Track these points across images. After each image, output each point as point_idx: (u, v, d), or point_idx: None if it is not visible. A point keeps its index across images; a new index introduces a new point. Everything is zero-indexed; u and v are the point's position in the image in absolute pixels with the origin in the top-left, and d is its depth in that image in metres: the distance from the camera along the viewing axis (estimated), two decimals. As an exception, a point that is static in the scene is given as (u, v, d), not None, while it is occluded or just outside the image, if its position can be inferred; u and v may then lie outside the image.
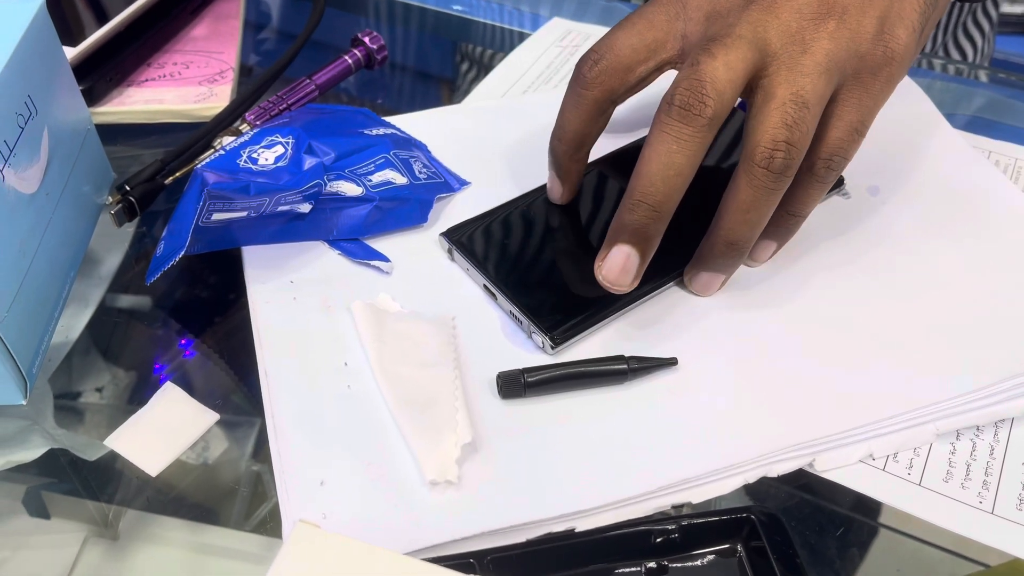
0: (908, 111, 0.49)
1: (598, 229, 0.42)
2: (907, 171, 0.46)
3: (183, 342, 0.40)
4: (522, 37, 0.59)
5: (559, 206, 0.42)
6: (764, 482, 0.34)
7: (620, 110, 0.40)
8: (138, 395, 0.37)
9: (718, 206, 0.37)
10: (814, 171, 0.36)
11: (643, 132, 0.39)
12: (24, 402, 0.35)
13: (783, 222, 0.39)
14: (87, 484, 0.35)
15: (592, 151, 0.41)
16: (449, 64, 0.63)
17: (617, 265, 0.36)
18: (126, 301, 0.43)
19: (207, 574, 0.33)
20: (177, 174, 0.44)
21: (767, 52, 0.35)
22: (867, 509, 0.34)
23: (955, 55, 0.68)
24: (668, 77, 0.38)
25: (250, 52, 0.57)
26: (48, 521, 0.35)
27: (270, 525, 0.34)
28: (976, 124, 0.51)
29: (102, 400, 0.38)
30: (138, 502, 0.34)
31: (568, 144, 0.40)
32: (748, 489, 0.34)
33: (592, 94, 0.38)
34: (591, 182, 0.44)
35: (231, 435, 0.36)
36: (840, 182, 0.44)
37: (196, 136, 0.45)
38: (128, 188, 0.42)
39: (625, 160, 0.44)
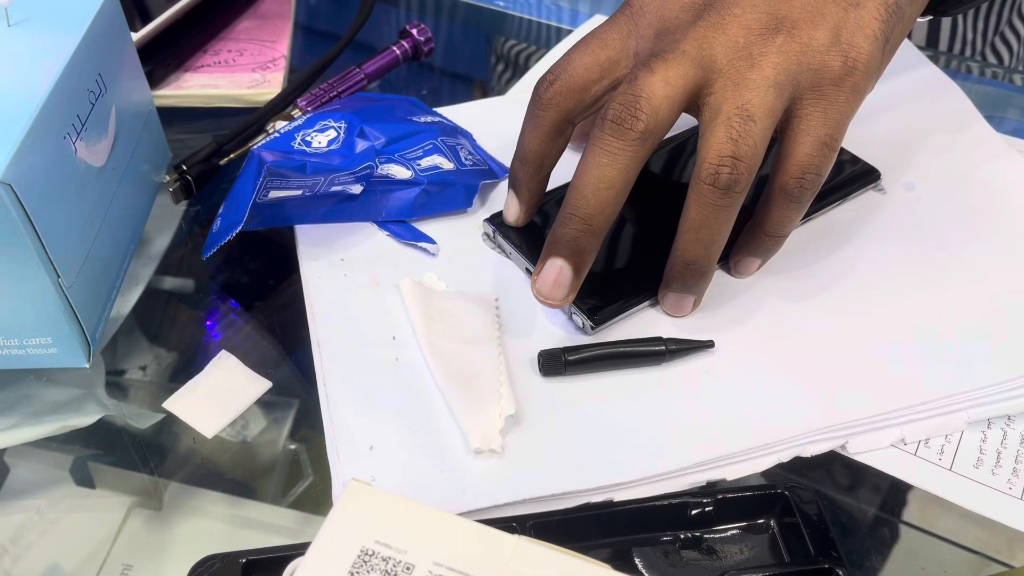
0: (945, 109, 0.50)
1: (637, 214, 0.43)
2: (943, 167, 0.46)
3: (236, 315, 0.42)
4: (560, 33, 0.61)
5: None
6: (798, 461, 0.35)
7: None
8: (190, 368, 0.39)
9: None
10: (787, 190, 0.36)
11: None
12: (87, 365, 0.37)
13: (762, 242, 0.39)
14: (136, 453, 0.37)
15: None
16: (484, 64, 0.64)
17: (550, 279, 0.36)
18: (176, 279, 0.44)
19: (248, 546, 0.34)
20: (231, 156, 0.46)
21: (712, 68, 0.35)
22: (901, 493, 0.35)
23: (992, 60, 0.69)
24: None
25: (300, 43, 0.59)
26: (96, 487, 0.36)
27: (314, 498, 0.35)
28: (1012, 126, 0.51)
29: (153, 372, 0.40)
30: (184, 473, 0.36)
31: (529, 165, 0.39)
32: (783, 467, 0.35)
33: (549, 115, 0.38)
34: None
35: (279, 405, 0.38)
36: (876, 177, 0.45)
37: (250, 120, 0.47)
38: (185, 168, 0.44)
39: (672, 152, 0.46)
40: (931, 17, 0.45)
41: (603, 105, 0.36)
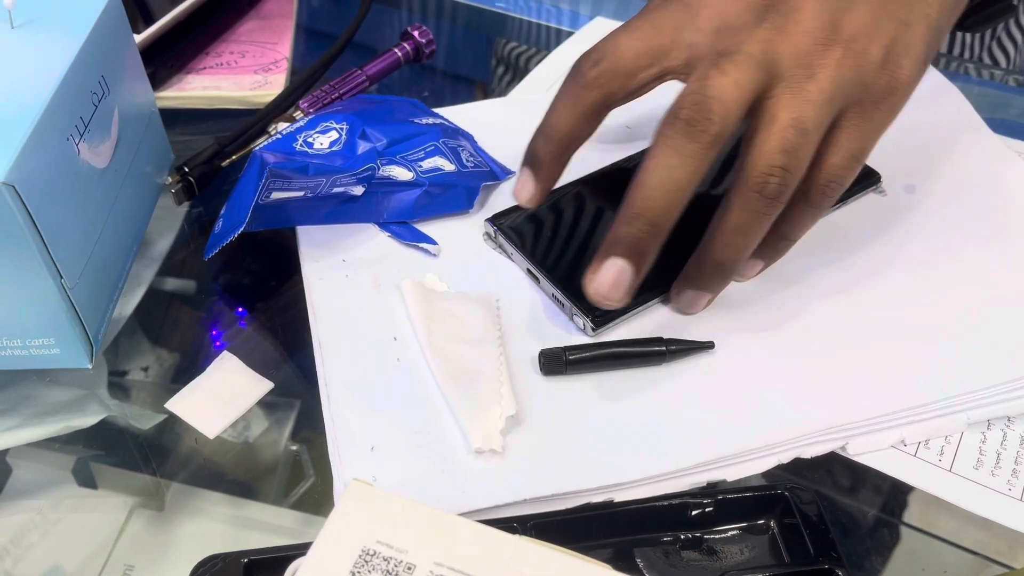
0: (945, 112, 0.50)
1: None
2: (943, 170, 0.47)
3: (237, 316, 0.42)
4: (560, 35, 0.61)
5: (599, 195, 0.44)
6: (798, 462, 0.35)
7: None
8: (191, 369, 0.39)
9: (709, 225, 0.36)
10: (809, 197, 0.36)
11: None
12: (90, 365, 0.37)
13: (774, 244, 0.38)
14: (138, 454, 0.37)
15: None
16: (485, 66, 0.64)
17: (609, 279, 0.35)
18: (178, 280, 0.44)
19: (250, 546, 0.34)
20: (233, 157, 0.46)
21: (774, 73, 0.34)
22: (901, 494, 0.35)
23: (989, 63, 0.69)
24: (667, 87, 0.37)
25: (302, 45, 0.59)
26: (98, 488, 0.36)
27: (315, 499, 0.35)
28: (1010, 128, 0.51)
29: (156, 372, 0.40)
30: (185, 474, 0.36)
31: (556, 145, 0.38)
32: (783, 468, 0.35)
33: (590, 95, 0.37)
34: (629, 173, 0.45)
35: (281, 406, 0.38)
36: (877, 180, 0.45)
37: (251, 122, 0.47)
38: (187, 169, 0.44)
39: None
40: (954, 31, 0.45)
41: (670, 104, 0.35)
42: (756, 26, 0.35)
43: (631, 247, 0.35)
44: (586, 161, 0.44)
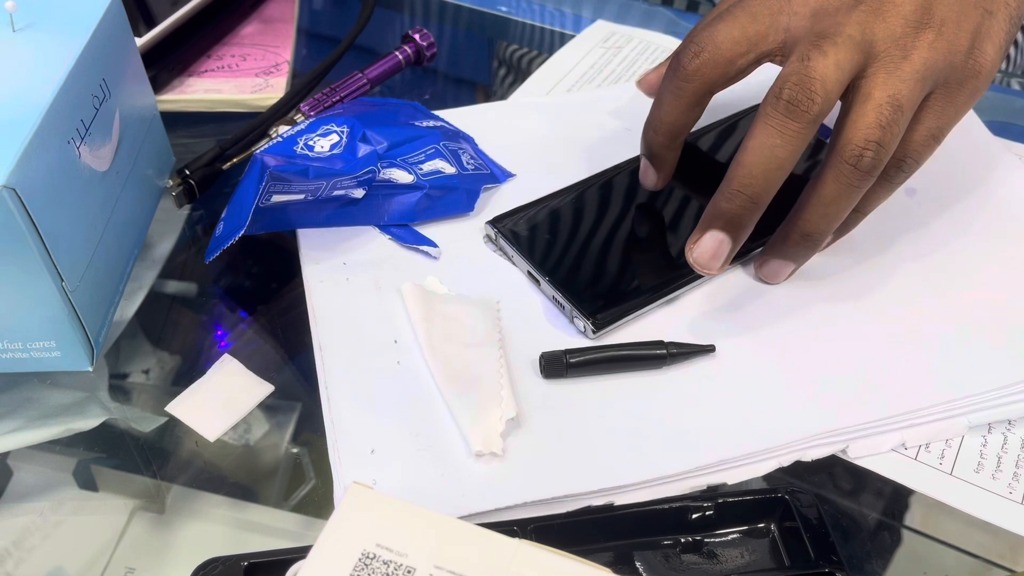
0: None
1: (637, 219, 0.43)
2: (944, 174, 0.46)
3: (238, 319, 0.42)
4: (563, 38, 0.61)
5: (599, 198, 0.44)
6: (799, 465, 0.35)
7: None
8: (192, 372, 0.39)
9: (799, 197, 0.38)
10: (886, 172, 0.37)
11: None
12: (91, 368, 0.37)
13: (848, 218, 0.39)
14: (139, 457, 0.37)
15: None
16: (486, 68, 0.65)
17: (709, 250, 0.37)
18: (179, 282, 0.44)
19: (250, 549, 0.34)
20: (234, 160, 0.46)
21: (871, 54, 0.36)
22: (901, 497, 0.35)
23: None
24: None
25: (303, 48, 0.59)
26: (99, 490, 0.36)
27: (316, 502, 0.35)
28: (1011, 131, 0.51)
29: (157, 375, 0.40)
30: (186, 476, 0.36)
31: (665, 135, 0.40)
32: (784, 471, 0.35)
33: (692, 86, 0.38)
34: (633, 176, 0.45)
35: (282, 409, 0.38)
36: (878, 182, 0.45)
37: (252, 125, 0.47)
38: (188, 172, 0.44)
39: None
40: None
41: (772, 83, 0.36)
42: (853, 9, 0.36)
43: (731, 221, 0.37)
44: (586, 165, 0.44)
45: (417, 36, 0.53)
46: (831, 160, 0.36)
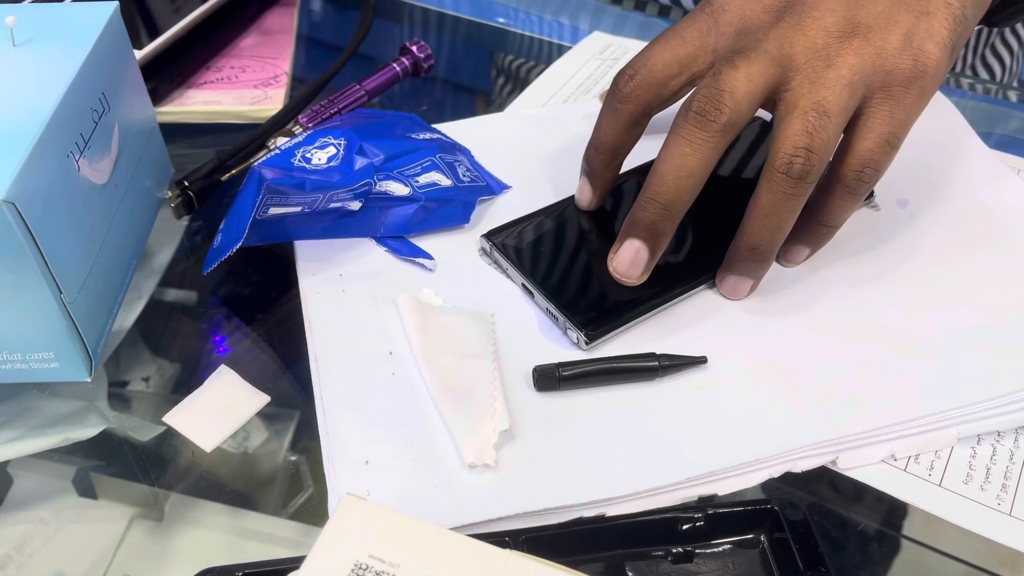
0: (939, 126, 0.50)
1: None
2: (936, 185, 0.47)
3: (235, 329, 0.42)
4: (561, 49, 0.61)
5: (594, 212, 0.44)
6: (789, 477, 0.35)
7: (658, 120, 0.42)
8: (191, 381, 0.39)
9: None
10: (845, 182, 0.38)
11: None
12: (89, 379, 0.37)
13: (815, 231, 0.40)
14: (137, 465, 0.37)
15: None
16: (486, 77, 0.65)
17: (627, 258, 0.38)
18: (178, 292, 0.45)
19: (247, 557, 0.34)
20: (233, 171, 0.46)
21: (791, 67, 0.37)
22: (890, 509, 0.35)
23: (983, 75, 0.69)
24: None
25: (302, 59, 0.59)
26: (98, 498, 0.36)
27: (313, 510, 0.35)
28: (1005, 142, 0.52)
29: (155, 385, 0.40)
30: (184, 485, 0.36)
31: (604, 154, 0.41)
32: (773, 483, 0.35)
33: (628, 107, 0.40)
34: (626, 189, 0.45)
35: (280, 417, 0.38)
36: (870, 195, 0.45)
37: (251, 137, 0.48)
38: (187, 184, 0.45)
39: None
40: (982, 27, 0.47)
41: (685, 97, 0.37)
42: (773, 25, 0.38)
43: (646, 229, 0.38)
44: (577, 182, 0.44)
45: (415, 48, 0.54)
46: (764, 171, 0.37)
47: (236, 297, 0.44)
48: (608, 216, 0.44)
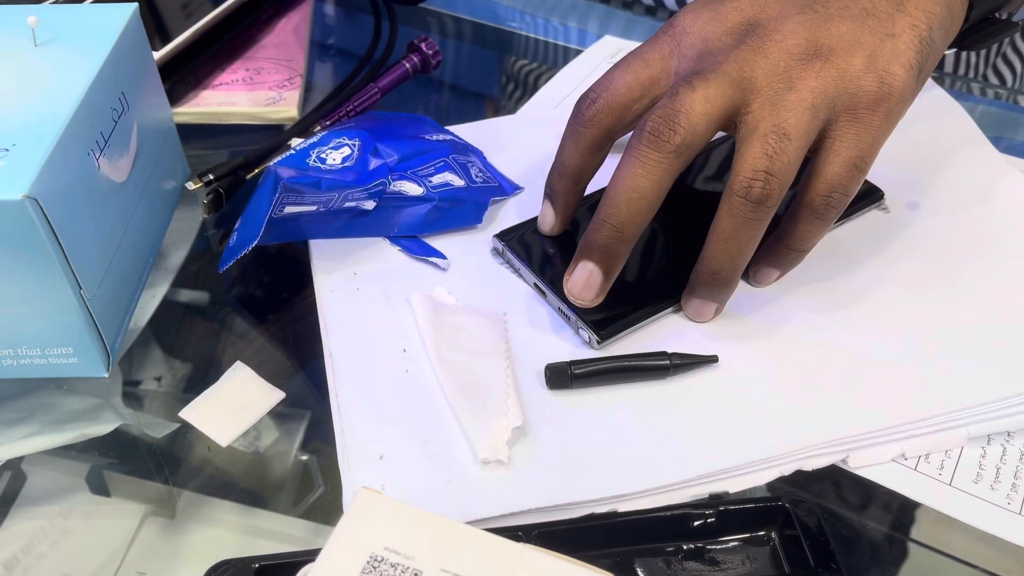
0: (949, 129, 0.50)
1: (644, 230, 0.43)
2: (946, 188, 0.47)
3: (251, 327, 0.43)
4: (569, 52, 0.62)
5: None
6: (800, 475, 0.35)
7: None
8: (205, 378, 0.39)
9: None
10: (813, 207, 0.37)
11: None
12: (107, 375, 0.38)
13: (784, 255, 0.40)
14: (151, 462, 0.38)
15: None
16: (495, 83, 0.65)
17: (580, 281, 0.38)
18: (193, 291, 0.45)
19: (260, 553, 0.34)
20: (256, 171, 0.46)
21: (751, 89, 0.36)
22: (901, 507, 0.35)
23: (994, 80, 0.69)
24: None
25: (316, 62, 0.60)
26: (112, 495, 0.37)
27: (326, 508, 0.35)
28: (1015, 147, 0.52)
29: (169, 382, 0.40)
30: (197, 482, 0.37)
31: (567, 179, 0.41)
32: (785, 480, 0.35)
33: (590, 132, 0.39)
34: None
35: (293, 415, 0.39)
36: (880, 197, 0.46)
37: (278, 140, 0.48)
38: (214, 179, 0.45)
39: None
40: (955, 49, 0.46)
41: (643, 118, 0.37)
42: (735, 48, 0.37)
43: (599, 251, 0.37)
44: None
45: (423, 45, 0.54)
46: (724, 195, 0.36)
47: (251, 295, 0.45)
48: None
